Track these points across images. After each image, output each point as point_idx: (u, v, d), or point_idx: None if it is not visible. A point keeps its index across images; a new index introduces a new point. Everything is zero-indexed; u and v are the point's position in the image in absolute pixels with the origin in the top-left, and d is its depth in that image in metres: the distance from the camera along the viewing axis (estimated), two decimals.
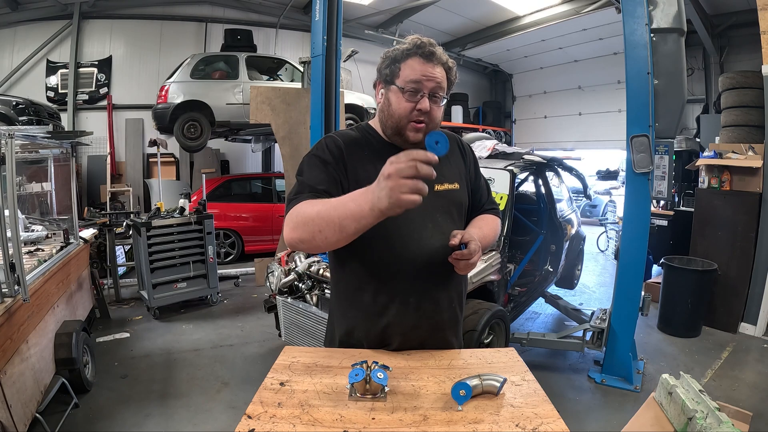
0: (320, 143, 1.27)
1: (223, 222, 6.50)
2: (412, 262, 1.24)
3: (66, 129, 6.61)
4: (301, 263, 3.20)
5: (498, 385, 1.03)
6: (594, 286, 5.82)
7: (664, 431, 1.51)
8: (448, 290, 1.30)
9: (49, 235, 3.80)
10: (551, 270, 4.20)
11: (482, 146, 4.26)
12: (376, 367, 1.03)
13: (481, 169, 1.52)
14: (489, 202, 1.48)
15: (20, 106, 5.04)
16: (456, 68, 1.27)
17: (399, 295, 1.25)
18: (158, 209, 4.76)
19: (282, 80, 7.43)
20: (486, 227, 1.38)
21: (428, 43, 1.21)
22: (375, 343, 1.29)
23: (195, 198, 5.89)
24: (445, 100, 1.26)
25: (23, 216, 3.85)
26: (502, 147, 4.26)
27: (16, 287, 2.27)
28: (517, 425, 0.93)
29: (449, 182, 1.33)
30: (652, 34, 2.91)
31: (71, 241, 3.62)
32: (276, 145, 6.83)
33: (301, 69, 5.69)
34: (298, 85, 6.02)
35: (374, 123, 1.33)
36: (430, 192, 1.24)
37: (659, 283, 4.39)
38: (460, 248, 1.17)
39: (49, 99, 7.30)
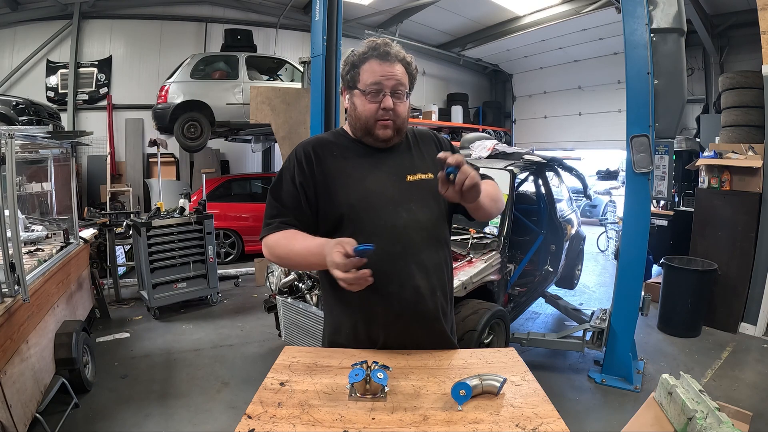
0: (292, 155, 1.33)
1: (223, 222, 6.50)
2: (388, 252, 1.24)
3: (66, 129, 6.61)
4: None
5: (498, 385, 1.03)
6: (594, 286, 5.82)
7: (664, 431, 1.51)
8: (428, 278, 1.29)
9: (49, 235, 3.80)
10: (551, 270, 4.20)
11: (482, 146, 4.26)
12: (376, 367, 1.04)
13: (480, 169, 1.51)
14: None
15: (20, 106, 5.04)
16: (415, 62, 1.33)
17: (378, 286, 1.22)
18: (158, 209, 4.76)
19: (282, 80, 7.43)
20: (484, 185, 1.32)
21: (383, 44, 1.26)
22: (363, 338, 1.29)
23: (195, 198, 5.89)
24: (408, 95, 1.30)
25: (23, 216, 3.85)
26: (502, 147, 4.26)
27: (16, 287, 2.27)
28: (517, 425, 0.93)
29: (422, 172, 1.35)
30: (652, 34, 2.91)
31: (71, 241, 3.62)
32: (276, 145, 6.83)
33: (301, 69, 5.69)
34: (298, 85, 6.02)
35: (346, 126, 1.41)
36: (403, 182, 1.33)
37: (659, 283, 4.39)
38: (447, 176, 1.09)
39: (49, 99, 7.30)
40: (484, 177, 1.46)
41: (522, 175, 4.14)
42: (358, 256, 1.05)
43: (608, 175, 9.41)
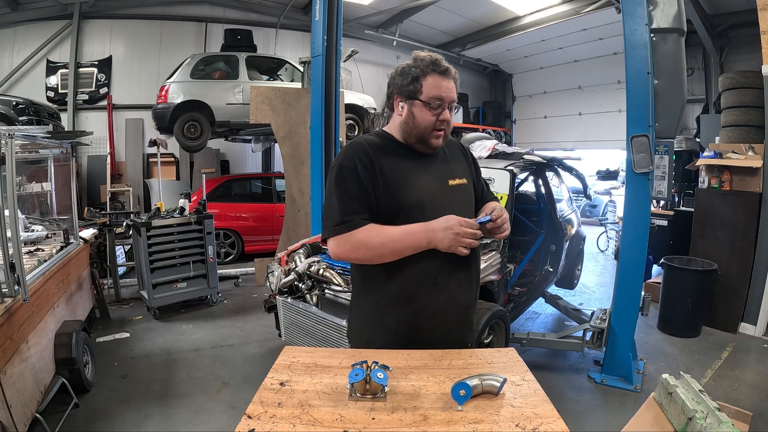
0: (349, 153, 1.38)
1: (223, 222, 6.50)
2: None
3: (66, 129, 6.61)
4: (301, 263, 3.20)
5: (498, 385, 1.04)
6: (594, 286, 5.82)
7: (664, 431, 1.51)
8: (469, 271, 1.44)
9: (49, 235, 3.80)
10: (551, 270, 4.20)
11: (482, 146, 4.26)
12: (376, 367, 1.04)
13: (481, 168, 1.69)
14: (489, 194, 1.67)
15: (20, 106, 5.04)
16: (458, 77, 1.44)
17: (428, 278, 1.36)
18: (158, 209, 4.76)
19: (282, 80, 7.43)
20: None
21: (441, 60, 1.39)
22: (403, 331, 1.37)
23: (195, 198, 5.89)
24: (459, 109, 1.41)
25: (23, 216, 3.85)
26: (502, 147, 4.26)
27: (16, 287, 2.27)
28: (517, 425, 0.93)
29: (459, 178, 1.50)
30: (652, 34, 2.91)
31: (71, 241, 3.62)
32: (276, 145, 6.83)
33: (301, 69, 5.69)
34: (298, 85, 6.02)
35: (391, 129, 1.47)
36: (446, 186, 1.47)
37: (659, 283, 4.39)
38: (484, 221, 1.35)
39: (49, 99, 7.30)
40: (492, 199, 1.64)
41: (522, 175, 4.14)
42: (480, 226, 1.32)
43: (608, 175, 9.40)
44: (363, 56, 7.26)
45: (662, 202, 5.71)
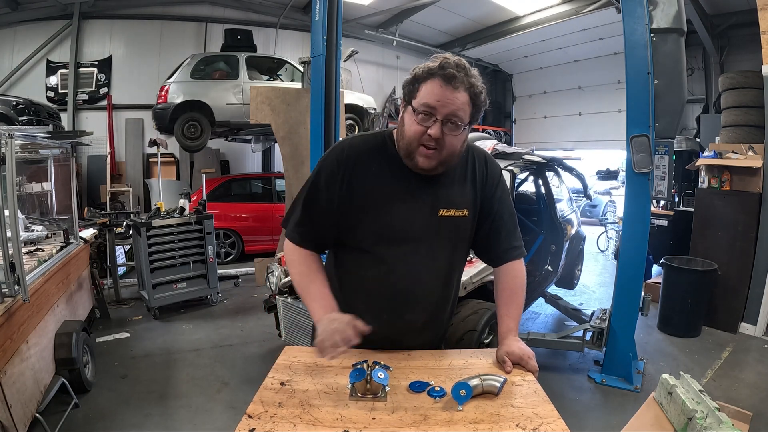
0: (330, 155, 1.25)
1: (223, 222, 6.50)
2: (393, 285, 1.24)
3: (66, 129, 6.61)
4: None
5: (498, 385, 1.04)
6: (594, 286, 5.82)
7: (664, 431, 1.51)
8: (424, 314, 1.29)
9: (49, 235, 3.80)
10: (551, 270, 4.19)
11: (482, 146, 4.26)
12: (377, 366, 1.04)
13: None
14: (513, 240, 1.38)
15: (20, 106, 5.04)
16: (485, 93, 1.15)
17: (374, 311, 1.24)
18: (158, 209, 4.76)
19: (282, 80, 7.43)
20: (514, 307, 1.36)
21: (453, 65, 1.11)
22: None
23: (195, 198, 5.89)
24: (465, 129, 1.15)
25: (23, 216, 3.85)
26: (502, 147, 4.25)
27: (16, 287, 2.27)
28: (517, 425, 0.93)
29: (457, 208, 1.25)
30: (652, 34, 2.91)
31: (71, 241, 3.62)
32: (276, 145, 6.84)
33: (301, 69, 5.69)
34: (298, 85, 6.02)
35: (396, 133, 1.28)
36: (433, 216, 1.23)
37: (659, 283, 4.39)
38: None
39: (49, 99, 7.30)
40: (514, 252, 1.40)
41: (522, 175, 4.13)
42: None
43: (608, 175, 9.40)
44: (363, 56, 7.27)
45: (662, 202, 5.72)
